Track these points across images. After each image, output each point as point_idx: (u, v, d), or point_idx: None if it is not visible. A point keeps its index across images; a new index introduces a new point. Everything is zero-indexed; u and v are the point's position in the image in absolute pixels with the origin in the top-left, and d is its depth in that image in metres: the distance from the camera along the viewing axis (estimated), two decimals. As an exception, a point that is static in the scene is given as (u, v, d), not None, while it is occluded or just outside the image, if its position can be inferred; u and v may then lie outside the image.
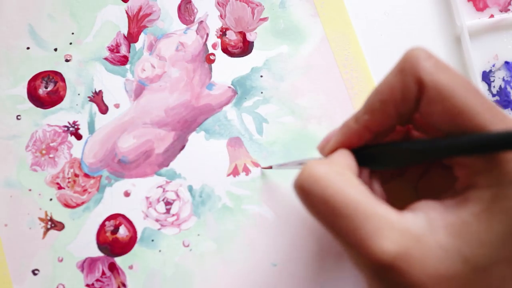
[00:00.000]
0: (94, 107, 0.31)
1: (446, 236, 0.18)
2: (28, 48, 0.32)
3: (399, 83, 0.20)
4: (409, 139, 0.23)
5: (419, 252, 0.18)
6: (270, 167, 0.29)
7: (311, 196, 0.19)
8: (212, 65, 0.31)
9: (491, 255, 0.18)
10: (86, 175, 0.30)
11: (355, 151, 0.22)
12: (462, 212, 0.19)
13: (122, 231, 0.30)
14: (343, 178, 0.19)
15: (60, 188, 0.30)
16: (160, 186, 0.30)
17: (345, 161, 0.21)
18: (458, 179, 0.20)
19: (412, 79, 0.19)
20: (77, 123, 0.31)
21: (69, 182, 0.30)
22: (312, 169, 0.19)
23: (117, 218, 0.30)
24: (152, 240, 0.29)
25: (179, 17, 0.32)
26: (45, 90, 0.31)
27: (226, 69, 0.31)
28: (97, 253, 0.29)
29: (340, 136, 0.22)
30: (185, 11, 0.32)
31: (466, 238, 0.18)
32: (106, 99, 0.31)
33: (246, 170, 0.30)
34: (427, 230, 0.19)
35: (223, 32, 0.32)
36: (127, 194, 0.30)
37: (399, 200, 0.22)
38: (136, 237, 0.30)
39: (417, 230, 0.18)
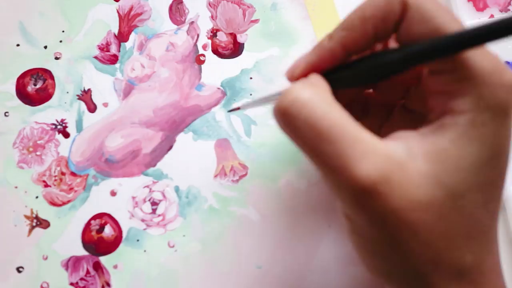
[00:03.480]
0: (83, 106, 0.31)
1: (425, 163, 0.18)
2: (18, 45, 0.32)
3: (384, 2, 0.20)
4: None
5: (399, 178, 0.18)
6: (238, 108, 0.29)
7: (295, 121, 0.19)
8: (202, 66, 0.31)
9: (467, 181, 0.18)
10: (73, 174, 0.30)
11: (325, 75, 0.21)
12: (440, 139, 0.19)
13: (108, 231, 0.30)
14: (327, 103, 0.19)
15: (46, 186, 0.30)
16: (147, 186, 0.30)
17: (324, 85, 0.21)
18: (432, 108, 0.20)
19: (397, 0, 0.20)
20: (65, 121, 0.31)
21: (55, 180, 0.30)
22: (298, 93, 0.19)
23: (103, 217, 0.30)
24: (138, 240, 0.29)
25: (170, 17, 0.32)
26: (34, 88, 0.31)
27: (215, 70, 0.31)
28: (82, 252, 0.29)
29: (312, 56, 0.22)
30: (176, 11, 0.32)
31: (444, 165, 0.18)
32: (95, 98, 0.31)
33: (233, 172, 0.30)
34: (407, 157, 0.19)
35: (213, 33, 0.32)
36: (113, 193, 0.30)
37: None
38: (121, 237, 0.29)
39: (398, 157, 0.19)
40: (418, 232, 0.18)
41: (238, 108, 0.29)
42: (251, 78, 0.31)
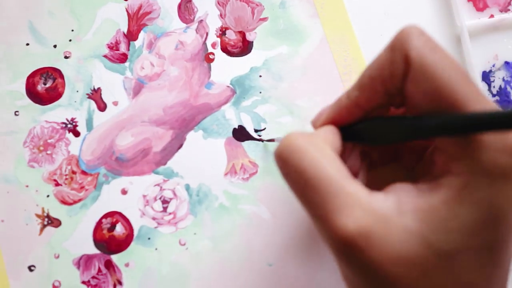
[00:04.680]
0: (93, 104, 0.31)
1: (413, 220, 0.18)
2: (27, 44, 0.32)
3: (388, 59, 0.20)
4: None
5: (381, 232, 0.18)
6: (273, 140, 0.30)
7: (287, 166, 0.20)
8: (211, 64, 0.31)
9: (457, 243, 0.18)
10: (84, 172, 0.30)
11: (344, 128, 0.22)
12: (433, 198, 0.19)
13: (119, 229, 0.30)
14: (320, 152, 0.20)
15: (57, 184, 0.30)
16: (157, 185, 0.30)
17: (326, 135, 0.21)
18: (435, 164, 0.20)
19: (400, 56, 0.19)
20: (75, 120, 0.31)
21: (66, 179, 0.30)
22: (292, 140, 0.20)
23: (114, 216, 0.30)
24: (149, 238, 0.29)
25: (179, 15, 0.32)
26: (44, 87, 0.31)
27: (225, 68, 0.31)
28: (93, 250, 0.29)
29: (331, 111, 0.22)
30: (185, 10, 0.32)
31: (433, 224, 0.18)
32: (105, 97, 0.31)
33: (244, 170, 0.30)
34: (394, 212, 0.19)
35: (222, 32, 0.32)
36: (124, 192, 0.30)
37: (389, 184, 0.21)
38: (132, 235, 0.30)
39: (384, 211, 0.19)
40: (400, 286, 0.18)
41: (273, 140, 0.30)
42: (260, 76, 0.31)
